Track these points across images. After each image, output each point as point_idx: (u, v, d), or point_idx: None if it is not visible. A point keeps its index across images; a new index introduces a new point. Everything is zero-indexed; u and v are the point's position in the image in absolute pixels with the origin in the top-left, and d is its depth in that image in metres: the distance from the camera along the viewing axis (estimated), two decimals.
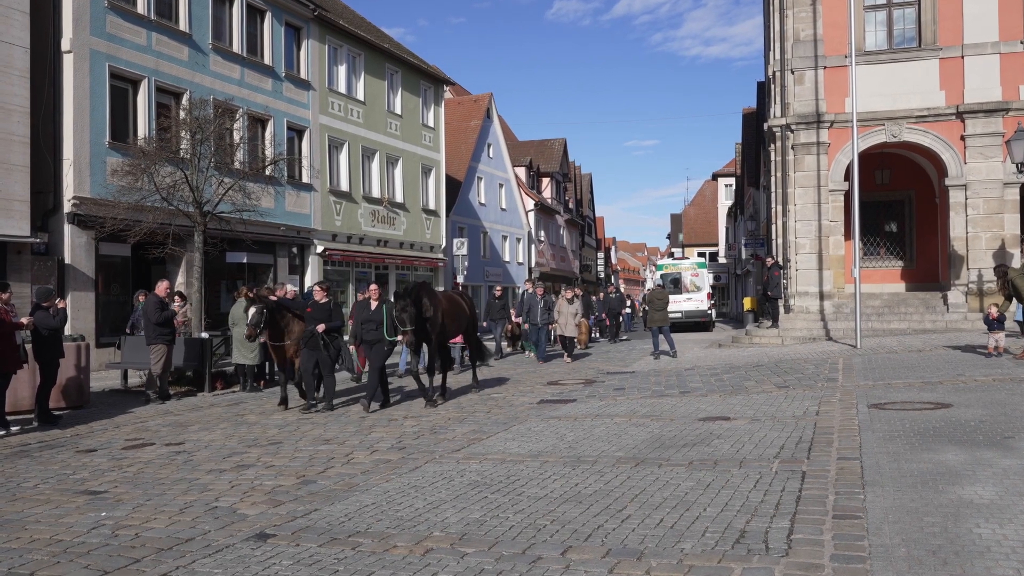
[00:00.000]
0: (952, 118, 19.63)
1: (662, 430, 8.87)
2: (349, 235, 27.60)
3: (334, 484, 6.94)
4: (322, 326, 11.24)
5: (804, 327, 19.84)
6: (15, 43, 16.94)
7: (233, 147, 18.76)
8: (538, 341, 19.25)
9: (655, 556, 4.68)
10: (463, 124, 39.97)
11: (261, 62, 23.72)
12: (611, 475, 6.80)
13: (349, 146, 27.71)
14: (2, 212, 16.61)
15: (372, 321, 11.75)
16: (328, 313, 11.46)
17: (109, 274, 19.39)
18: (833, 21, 20.10)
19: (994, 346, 13.60)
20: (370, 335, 11.76)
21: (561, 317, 19.32)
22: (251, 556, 5.01)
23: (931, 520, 5.06)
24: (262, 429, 10.10)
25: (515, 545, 5.00)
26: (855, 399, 10.21)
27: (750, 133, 40.65)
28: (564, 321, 19.24)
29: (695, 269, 34.72)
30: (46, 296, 11.11)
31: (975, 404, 9.33)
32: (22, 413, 11.28)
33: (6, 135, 16.73)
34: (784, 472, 6.58)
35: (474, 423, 10.03)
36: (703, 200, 77.76)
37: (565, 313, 19.26)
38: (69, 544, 5.41)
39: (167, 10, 20.76)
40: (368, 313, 11.91)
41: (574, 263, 59.07)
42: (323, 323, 11.28)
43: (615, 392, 12.58)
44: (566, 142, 55.11)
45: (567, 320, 19.20)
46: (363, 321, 11.88)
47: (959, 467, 6.40)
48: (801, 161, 20.50)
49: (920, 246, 22.61)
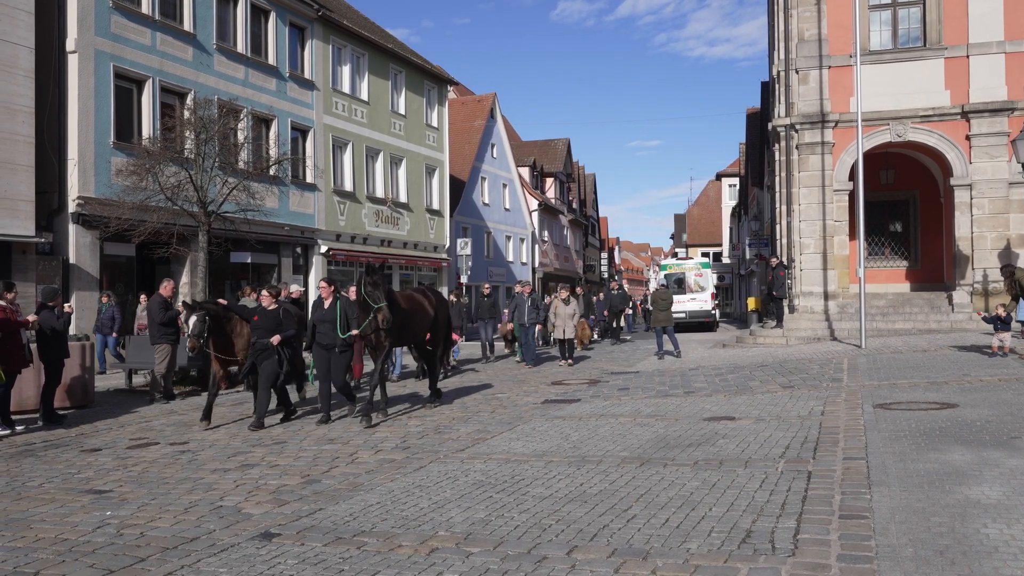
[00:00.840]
0: (957, 118, 19.58)
1: (667, 430, 8.85)
2: (353, 235, 27.61)
3: (339, 484, 6.93)
4: (276, 338, 10.08)
5: (808, 327, 19.80)
6: (20, 43, 16.97)
7: (237, 147, 18.79)
8: (525, 343, 18.08)
9: (661, 556, 4.67)
10: (467, 124, 39.96)
11: (265, 62, 23.74)
12: (616, 475, 6.78)
13: (353, 146, 27.72)
14: (7, 212, 16.64)
15: (327, 322, 10.44)
16: (277, 321, 10.22)
17: (113, 274, 19.41)
18: (838, 21, 20.05)
19: (999, 345, 13.56)
20: (326, 338, 10.40)
21: (558, 319, 17.81)
22: (256, 555, 5.01)
23: (938, 520, 5.04)
24: (266, 429, 10.10)
25: (520, 545, 4.99)
26: (860, 399, 10.18)
27: (754, 133, 40.58)
28: (561, 323, 17.71)
29: (699, 269, 34.69)
30: (52, 296, 11.14)
31: (981, 404, 9.30)
32: (27, 412, 11.29)
33: (11, 135, 16.77)
34: (790, 472, 6.56)
35: (478, 423, 10.02)
36: (707, 200, 77.71)
37: (562, 315, 17.71)
38: (74, 543, 5.41)
39: (171, 10, 20.78)
40: (322, 313, 10.53)
41: (578, 263, 59.03)
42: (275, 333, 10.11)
43: (619, 392, 12.56)
44: (570, 142, 55.09)
45: (564, 322, 17.66)
46: (316, 322, 10.51)
47: (966, 467, 6.37)
48: (805, 161, 20.46)
49: (925, 246, 22.55)
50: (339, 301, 10.41)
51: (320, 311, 10.53)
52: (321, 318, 10.47)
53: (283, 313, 10.33)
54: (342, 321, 10.31)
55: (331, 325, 10.30)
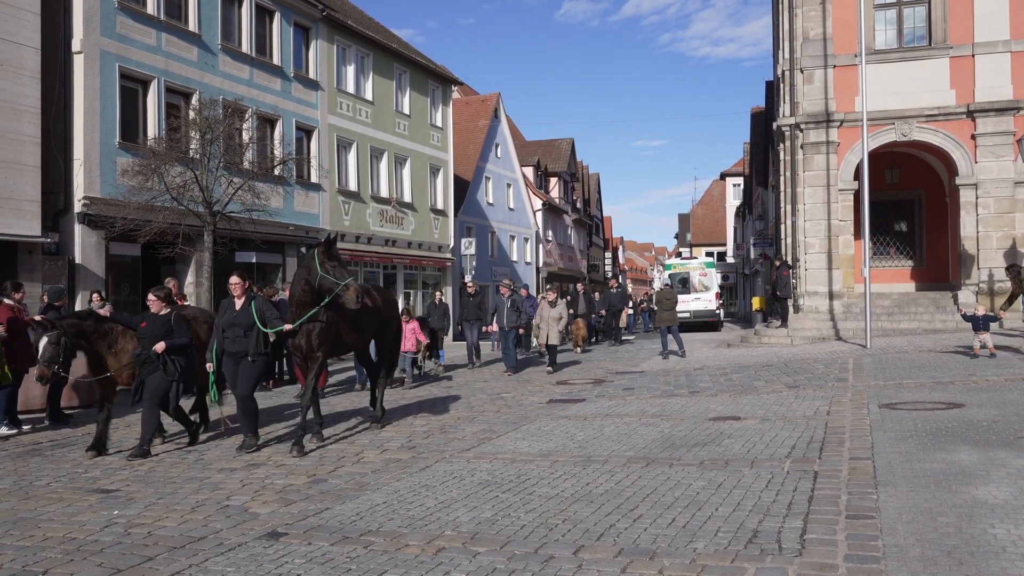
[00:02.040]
0: (963, 117, 19.53)
1: (672, 430, 8.85)
2: (357, 235, 27.62)
3: (345, 483, 6.94)
4: (161, 345, 8.44)
5: (813, 327, 19.78)
6: (26, 44, 17.00)
7: (242, 147, 18.83)
8: (505, 347, 16.68)
9: (668, 556, 4.67)
10: (471, 124, 39.98)
11: (270, 62, 23.76)
12: (622, 475, 6.78)
13: (357, 146, 27.74)
14: (13, 212, 16.68)
15: (237, 326, 8.59)
16: (167, 328, 8.60)
17: (119, 274, 19.45)
18: (843, 20, 20.02)
19: (980, 346, 13.46)
20: (235, 344, 8.57)
21: (543, 323, 16.55)
22: (264, 555, 5.02)
23: (945, 520, 5.04)
24: (272, 428, 10.11)
25: (527, 544, 4.99)
26: (866, 399, 10.17)
27: (759, 132, 40.53)
28: (546, 327, 16.40)
29: (703, 269, 34.69)
30: (58, 296, 11.19)
31: (987, 404, 9.28)
32: (34, 412, 11.33)
33: (17, 136, 16.81)
34: (796, 472, 6.55)
35: (484, 422, 10.03)
36: (711, 200, 77.63)
37: (547, 318, 16.40)
38: (82, 542, 5.43)
39: (176, 11, 20.81)
40: (231, 315, 8.68)
41: (582, 263, 59.02)
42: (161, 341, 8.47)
43: (624, 392, 12.56)
44: (574, 142, 55.10)
45: (550, 326, 16.33)
46: (224, 327, 8.65)
47: (972, 467, 6.36)
48: (810, 160, 20.43)
49: (930, 246, 22.51)
50: (254, 301, 8.72)
51: (229, 313, 8.70)
52: (230, 321, 8.63)
53: (175, 319, 8.70)
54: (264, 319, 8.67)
55: (242, 330, 8.57)
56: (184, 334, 8.72)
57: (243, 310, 8.66)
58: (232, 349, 8.59)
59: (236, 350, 8.57)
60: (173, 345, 8.53)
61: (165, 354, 8.49)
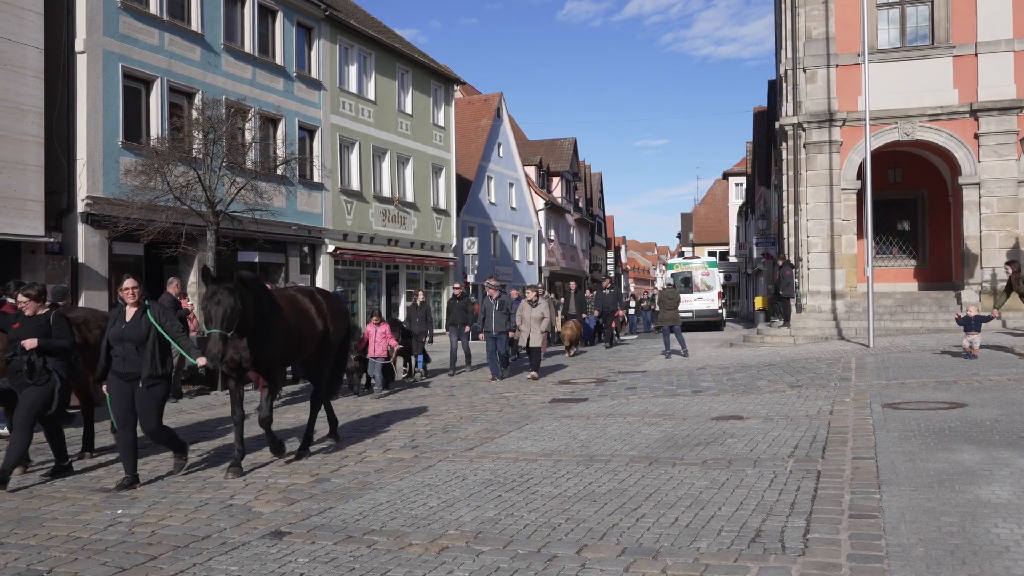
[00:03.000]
0: (966, 116, 19.50)
1: (675, 429, 8.85)
2: (360, 234, 27.65)
3: (348, 482, 6.95)
4: (31, 342, 7.03)
5: (816, 326, 19.76)
6: (29, 44, 17.03)
7: (245, 147, 18.86)
8: (490, 353, 15.38)
9: (671, 555, 4.67)
10: (473, 123, 39.99)
11: (273, 62, 23.79)
12: (625, 474, 6.79)
13: (360, 146, 27.76)
14: (16, 212, 16.71)
15: (127, 341, 7.07)
16: (45, 331, 7.19)
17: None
18: (845, 19, 19.99)
19: (968, 346, 13.49)
20: (124, 365, 7.08)
21: (523, 324, 15.54)
22: (267, 554, 5.03)
23: (948, 520, 5.04)
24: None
25: (530, 544, 5.00)
26: (869, 398, 10.16)
27: (761, 132, 40.52)
28: (527, 328, 15.46)
29: (706, 268, 34.69)
30: (62, 295, 11.18)
31: (990, 404, 9.27)
32: None
33: (20, 135, 16.84)
34: (799, 471, 6.55)
35: (486, 422, 10.03)
36: (713, 199, 77.59)
37: (527, 319, 15.44)
38: (86, 541, 5.44)
39: (179, 11, 20.84)
40: (120, 328, 7.14)
41: (584, 262, 59.01)
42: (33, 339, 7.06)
43: (627, 391, 12.57)
44: (576, 141, 55.07)
45: (531, 327, 15.40)
46: (112, 341, 7.15)
47: (976, 467, 6.36)
48: (813, 160, 20.41)
49: (933, 245, 22.48)
50: (148, 310, 7.22)
51: (119, 325, 7.16)
52: (119, 335, 7.10)
53: (54, 319, 7.33)
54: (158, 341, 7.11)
55: (133, 346, 7.06)
56: (64, 336, 7.32)
57: (134, 322, 7.11)
58: (121, 370, 7.08)
59: (126, 371, 7.07)
60: (50, 347, 7.13)
61: (41, 358, 7.09)
